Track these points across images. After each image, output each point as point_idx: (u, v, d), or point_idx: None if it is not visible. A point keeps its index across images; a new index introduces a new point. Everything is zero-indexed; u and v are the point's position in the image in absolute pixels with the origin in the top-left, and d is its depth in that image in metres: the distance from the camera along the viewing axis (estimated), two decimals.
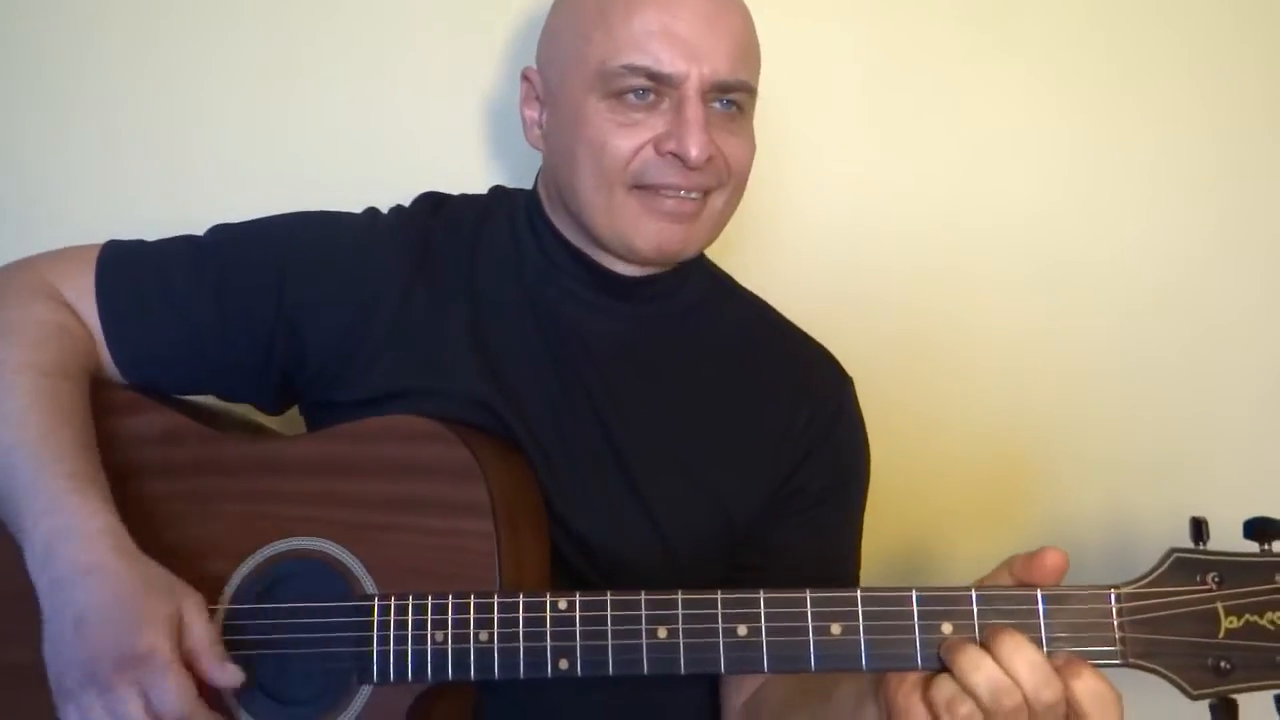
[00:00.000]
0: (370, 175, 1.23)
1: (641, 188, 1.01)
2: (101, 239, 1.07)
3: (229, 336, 1.04)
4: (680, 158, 0.99)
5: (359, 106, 1.30)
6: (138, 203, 1.28)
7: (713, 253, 1.18)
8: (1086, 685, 0.78)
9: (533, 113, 1.10)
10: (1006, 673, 0.77)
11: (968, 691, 0.78)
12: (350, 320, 1.04)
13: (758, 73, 1.07)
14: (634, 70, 0.99)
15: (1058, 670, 0.78)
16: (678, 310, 1.11)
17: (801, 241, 1.34)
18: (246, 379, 1.07)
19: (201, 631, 0.86)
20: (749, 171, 1.07)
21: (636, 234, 1.02)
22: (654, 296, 1.10)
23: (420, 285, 1.06)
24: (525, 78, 1.11)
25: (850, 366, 1.14)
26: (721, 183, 1.03)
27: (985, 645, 0.79)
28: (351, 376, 1.04)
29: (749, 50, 1.04)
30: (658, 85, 1.00)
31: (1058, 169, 1.34)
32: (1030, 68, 1.33)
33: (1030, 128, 1.34)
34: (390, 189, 1.13)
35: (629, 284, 1.08)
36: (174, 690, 0.82)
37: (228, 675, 0.86)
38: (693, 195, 1.02)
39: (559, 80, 1.06)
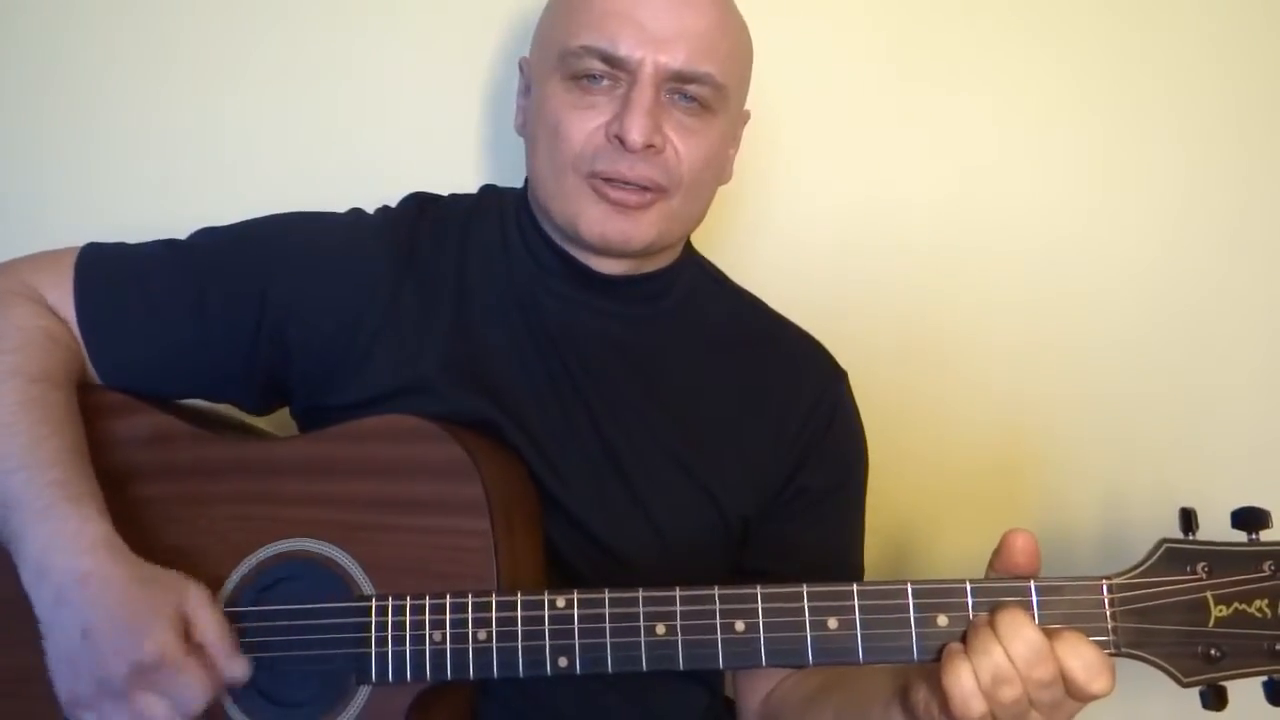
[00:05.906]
0: (363, 175, 1.22)
1: (593, 176, 1.00)
2: (92, 239, 1.05)
3: (210, 341, 1.02)
4: (621, 140, 0.97)
5: (352, 107, 1.29)
6: (129, 203, 1.27)
7: (709, 254, 1.18)
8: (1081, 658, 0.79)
9: (523, 101, 1.10)
10: (1007, 654, 0.78)
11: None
12: (337, 321, 1.03)
13: (736, 71, 1.04)
14: (589, 51, 0.98)
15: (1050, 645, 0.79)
16: (668, 308, 1.10)
17: (802, 243, 1.33)
18: (230, 382, 1.05)
19: (209, 624, 0.85)
20: (707, 175, 1.03)
21: (581, 221, 1.00)
22: (643, 296, 1.08)
23: (408, 285, 1.04)
24: (520, 68, 1.11)
25: (848, 366, 1.13)
26: (672, 181, 1.00)
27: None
28: (342, 379, 1.03)
29: (717, 44, 1.00)
30: (613, 69, 0.99)
31: (1059, 172, 1.34)
32: (1036, 71, 1.33)
33: (1035, 132, 1.34)
34: (382, 189, 1.12)
35: (612, 282, 1.06)
36: (193, 687, 0.83)
37: (238, 668, 0.86)
38: (638, 186, 0.99)
39: (536, 65, 1.06)
